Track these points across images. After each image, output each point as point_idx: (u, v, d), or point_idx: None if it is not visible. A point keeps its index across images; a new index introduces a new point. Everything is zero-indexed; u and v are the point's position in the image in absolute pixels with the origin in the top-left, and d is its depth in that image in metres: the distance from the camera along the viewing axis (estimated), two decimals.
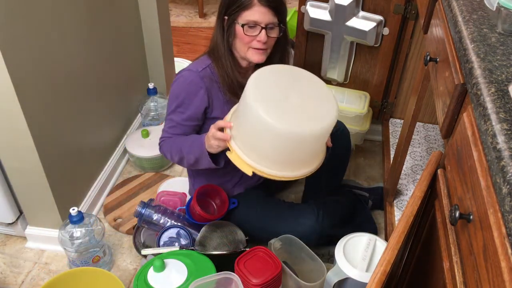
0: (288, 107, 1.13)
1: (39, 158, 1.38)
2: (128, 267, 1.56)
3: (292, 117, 1.11)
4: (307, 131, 1.11)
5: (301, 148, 1.15)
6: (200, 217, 1.44)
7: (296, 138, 1.11)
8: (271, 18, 1.27)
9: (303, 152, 1.17)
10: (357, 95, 1.96)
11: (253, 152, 1.17)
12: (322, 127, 1.13)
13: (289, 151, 1.15)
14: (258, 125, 1.11)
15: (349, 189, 1.78)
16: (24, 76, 1.27)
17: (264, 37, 1.27)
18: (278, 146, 1.13)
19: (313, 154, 1.22)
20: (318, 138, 1.16)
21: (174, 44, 2.77)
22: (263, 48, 1.29)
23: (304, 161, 1.21)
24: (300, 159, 1.19)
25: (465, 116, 0.79)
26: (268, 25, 1.27)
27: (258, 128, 1.12)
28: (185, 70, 1.38)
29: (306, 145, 1.15)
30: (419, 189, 0.91)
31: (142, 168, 1.95)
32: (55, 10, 1.39)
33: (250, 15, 1.25)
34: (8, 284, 1.49)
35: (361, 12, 1.79)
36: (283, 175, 1.19)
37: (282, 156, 1.16)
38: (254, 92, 1.13)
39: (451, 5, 0.98)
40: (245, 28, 1.27)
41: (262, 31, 1.27)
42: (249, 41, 1.28)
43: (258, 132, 1.12)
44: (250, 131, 1.16)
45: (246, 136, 1.17)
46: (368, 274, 1.26)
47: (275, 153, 1.15)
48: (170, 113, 1.39)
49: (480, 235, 0.63)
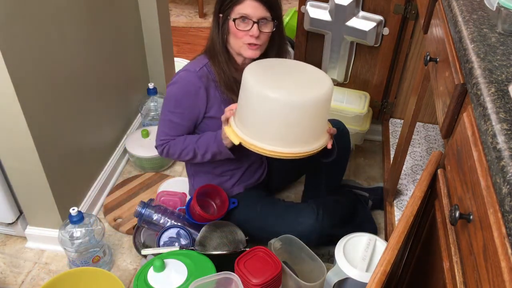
0: (283, 83, 1.18)
1: (39, 158, 1.38)
2: (128, 267, 1.56)
3: (287, 88, 1.16)
4: (301, 99, 1.13)
5: (295, 120, 1.15)
6: (200, 217, 1.44)
7: (290, 106, 1.13)
8: (263, 13, 1.27)
9: (297, 126, 1.16)
10: (357, 95, 1.96)
11: (250, 127, 1.19)
12: (315, 96, 1.15)
13: (284, 123, 1.15)
14: (254, 98, 1.15)
15: (349, 189, 1.78)
16: (24, 76, 1.27)
17: (256, 32, 1.27)
18: (274, 117, 1.15)
19: (309, 131, 1.19)
20: (313, 108, 1.15)
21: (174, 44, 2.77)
22: (256, 43, 1.29)
23: (299, 137, 1.19)
24: (295, 134, 1.17)
25: (465, 116, 0.79)
26: (260, 19, 1.27)
27: (254, 101, 1.15)
28: (182, 70, 1.38)
29: (300, 116, 1.14)
30: (419, 189, 0.91)
31: (142, 168, 1.95)
32: (55, 10, 1.39)
33: (242, 9, 1.27)
34: (8, 284, 1.49)
35: (361, 12, 1.79)
36: (274, 149, 1.17)
37: (277, 129, 1.16)
38: (250, 73, 1.18)
39: (451, 5, 0.98)
40: (237, 22, 1.28)
41: (254, 25, 1.27)
42: (242, 36, 1.29)
43: (255, 105, 1.15)
44: (247, 107, 1.18)
45: (244, 112, 1.20)
46: (368, 274, 1.26)
47: (270, 125, 1.16)
48: (167, 113, 1.39)
49: (480, 235, 0.63)
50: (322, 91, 1.16)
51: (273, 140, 1.17)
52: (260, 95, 1.13)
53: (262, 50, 1.34)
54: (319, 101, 1.15)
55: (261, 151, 1.19)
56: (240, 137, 1.21)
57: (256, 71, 1.20)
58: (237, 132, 1.22)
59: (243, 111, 1.21)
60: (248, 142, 1.19)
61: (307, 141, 1.20)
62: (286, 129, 1.16)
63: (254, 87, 1.14)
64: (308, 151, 1.20)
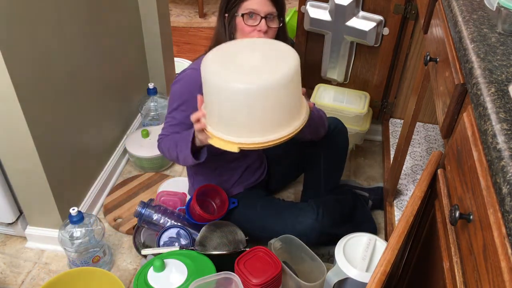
0: (245, 70, 1.10)
1: (39, 158, 1.38)
2: (128, 267, 1.56)
3: (252, 74, 1.08)
4: (269, 81, 1.05)
5: (273, 103, 1.08)
6: (200, 217, 1.44)
7: (260, 92, 1.06)
8: (270, 8, 1.29)
9: (278, 107, 1.09)
10: (357, 95, 1.96)
11: (229, 127, 1.11)
12: (283, 74, 1.06)
13: (262, 109, 1.08)
14: (223, 95, 1.08)
15: (349, 189, 1.78)
16: (24, 76, 1.27)
17: (264, 26, 1.28)
18: (249, 108, 1.07)
19: (290, 107, 1.13)
20: (283, 87, 1.08)
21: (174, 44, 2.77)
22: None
23: (283, 118, 1.12)
24: (276, 116, 1.11)
25: (465, 116, 0.79)
26: (267, 15, 1.29)
27: (224, 98, 1.08)
28: (188, 69, 1.38)
29: (275, 97, 1.08)
30: (419, 189, 0.91)
31: (142, 168, 1.95)
32: (55, 11, 1.39)
33: (249, 4, 1.28)
34: (8, 284, 1.49)
35: (361, 12, 1.79)
36: (267, 139, 1.11)
37: (257, 118, 1.09)
38: (209, 66, 1.10)
39: (451, 5, 0.98)
40: (245, 18, 1.29)
41: (262, 20, 1.28)
42: (250, 31, 1.30)
43: (226, 101, 1.08)
44: (218, 106, 1.11)
45: (217, 113, 1.12)
46: (368, 274, 1.26)
47: (249, 117, 1.09)
48: (171, 111, 1.39)
49: (480, 235, 0.63)
50: (289, 67, 1.08)
51: (258, 130, 1.10)
52: (229, 89, 1.06)
53: None
54: (288, 78, 1.08)
55: (261, 146, 1.12)
56: (235, 142, 1.11)
57: (216, 62, 1.11)
58: (229, 139, 1.12)
59: (212, 109, 1.12)
60: (244, 143, 1.11)
61: (293, 117, 1.14)
62: (269, 114, 1.09)
63: (219, 83, 1.06)
64: (296, 127, 1.14)
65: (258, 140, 1.11)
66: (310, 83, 2.05)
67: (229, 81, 1.06)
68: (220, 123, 1.13)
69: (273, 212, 1.51)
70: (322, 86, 2.01)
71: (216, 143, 1.13)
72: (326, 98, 1.95)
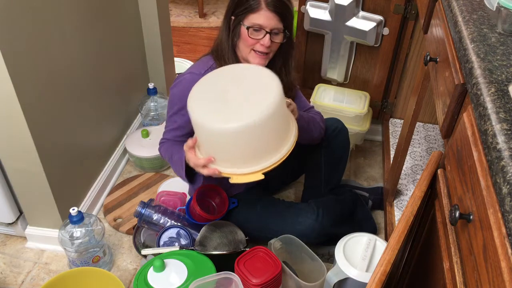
0: (230, 106, 1.13)
1: (39, 158, 1.38)
2: (128, 267, 1.56)
3: (236, 112, 1.11)
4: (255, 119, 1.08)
5: (265, 134, 1.12)
6: (200, 217, 1.44)
7: (253, 129, 1.09)
8: (276, 24, 1.27)
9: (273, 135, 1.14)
10: (357, 95, 1.96)
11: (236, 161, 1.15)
12: (263, 112, 1.08)
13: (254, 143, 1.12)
14: (227, 138, 1.11)
15: (349, 189, 1.78)
16: (24, 76, 1.27)
17: (267, 42, 1.27)
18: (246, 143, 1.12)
19: (282, 131, 1.17)
20: (272, 119, 1.11)
21: (174, 44, 2.77)
22: (265, 52, 1.30)
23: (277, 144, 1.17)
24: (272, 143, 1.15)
25: (465, 116, 0.79)
26: (273, 30, 1.28)
27: (210, 136, 1.13)
28: (186, 73, 1.37)
29: (268, 128, 1.11)
30: (419, 189, 0.91)
31: (142, 168, 1.95)
32: (55, 10, 1.39)
33: (256, 18, 1.26)
34: (8, 284, 1.49)
35: (361, 12, 1.79)
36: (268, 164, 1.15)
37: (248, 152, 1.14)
38: (194, 105, 1.15)
39: (451, 5, 0.98)
40: (250, 31, 1.27)
41: (266, 35, 1.27)
42: (253, 43, 1.29)
43: (233, 141, 1.12)
44: (217, 145, 1.15)
45: (228, 153, 1.16)
46: (368, 274, 1.26)
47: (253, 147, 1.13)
48: (172, 115, 1.39)
49: (480, 235, 0.63)
50: (272, 99, 1.11)
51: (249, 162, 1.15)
52: (215, 129, 1.10)
53: (270, 58, 1.34)
54: (275, 109, 1.10)
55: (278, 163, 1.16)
56: (259, 170, 1.15)
57: (199, 101, 1.16)
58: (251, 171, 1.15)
59: (209, 146, 1.17)
60: (267, 167, 1.15)
61: (285, 139, 1.18)
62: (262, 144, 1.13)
63: (205, 123, 1.11)
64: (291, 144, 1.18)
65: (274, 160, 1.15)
66: (310, 83, 2.05)
67: (219, 122, 1.09)
68: (231, 161, 1.17)
69: (273, 212, 1.51)
70: (322, 86, 2.01)
71: (240, 179, 1.17)
72: (326, 98, 1.95)
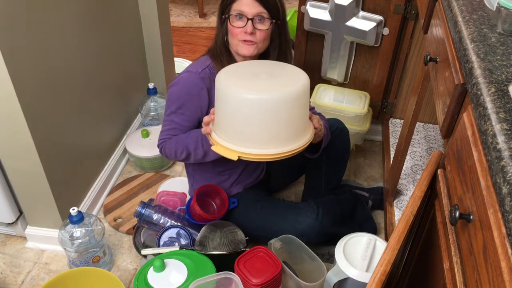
0: (258, 83, 1.15)
1: (39, 158, 1.38)
2: (128, 267, 1.56)
3: (262, 88, 1.13)
4: (277, 95, 1.11)
5: (279, 117, 1.13)
6: (200, 217, 1.44)
7: (270, 104, 1.10)
8: (258, 9, 1.27)
9: (283, 123, 1.14)
10: (357, 95, 1.96)
11: (234, 136, 1.16)
12: (291, 91, 1.12)
13: (268, 122, 1.12)
14: (232, 104, 1.12)
15: (349, 189, 1.78)
16: (24, 76, 1.27)
17: (250, 28, 1.28)
18: (257, 119, 1.12)
19: (294, 126, 1.17)
20: (291, 103, 1.13)
21: (174, 44, 2.77)
22: (251, 40, 1.30)
23: (287, 135, 1.16)
24: (282, 132, 1.15)
25: (465, 116, 0.79)
26: (255, 16, 1.28)
27: (233, 107, 1.13)
28: (184, 72, 1.38)
29: (282, 113, 1.12)
30: (419, 189, 0.91)
31: (142, 168, 1.95)
32: (55, 10, 1.39)
33: (237, 5, 1.28)
34: (8, 284, 1.49)
35: (361, 12, 1.79)
36: (269, 152, 1.15)
37: (263, 130, 1.13)
38: (223, 78, 1.16)
39: (451, 5, 0.98)
40: (232, 19, 1.29)
41: (248, 22, 1.28)
42: (237, 33, 1.30)
43: (234, 111, 1.13)
44: (226, 114, 1.15)
45: (225, 121, 1.16)
46: (368, 274, 1.26)
47: (255, 128, 1.13)
48: (169, 114, 1.39)
49: (480, 235, 0.63)
50: (299, 84, 1.15)
51: (261, 143, 1.14)
52: (240, 99, 1.11)
53: (260, 49, 1.33)
54: (298, 95, 1.13)
55: (258, 158, 1.15)
56: (235, 150, 1.15)
57: (228, 76, 1.17)
58: (229, 147, 1.16)
59: (224, 120, 1.17)
60: (246, 153, 1.15)
61: (296, 136, 1.18)
62: (276, 127, 1.13)
63: (232, 93, 1.12)
64: (298, 146, 1.18)
65: (257, 152, 1.15)
66: (310, 83, 2.04)
67: (241, 92, 1.11)
68: (225, 131, 1.17)
69: (273, 212, 1.51)
70: (322, 86, 2.01)
71: (217, 149, 1.18)
72: (326, 98, 1.95)
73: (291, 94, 1.12)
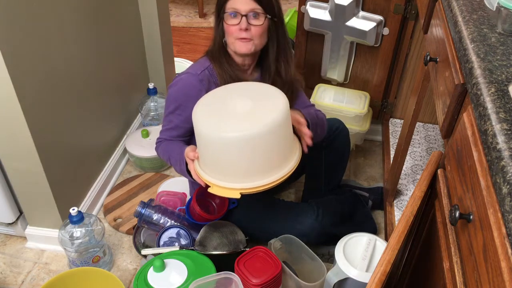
0: (235, 117, 1.13)
1: (39, 158, 1.38)
2: (128, 267, 1.56)
3: (242, 122, 1.10)
4: (257, 129, 1.08)
5: (268, 147, 1.11)
6: (200, 217, 1.44)
7: (254, 139, 1.08)
8: (252, 6, 1.27)
9: (271, 150, 1.12)
10: (357, 95, 1.96)
11: (227, 174, 1.14)
12: (267, 123, 1.08)
13: (259, 154, 1.11)
14: (216, 145, 1.10)
15: (349, 189, 1.78)
16: (24, 76, 1.27)
17: (244, 24, 1.27)
18: (245, 154, 1.10)
19: (281, 151, 1.15)
20: (273, 133, 1.10)
21: (174, 44, 2.77)
22: (246, 38, 1.29)
23: (279, 160, 1.15)
24: (274, 158, 1.14)
25: (465, 116, 0.79)
26: (249, 12, 1.27)
27: (221, 148, 1.11)
28: (183, 73, 1.38)
29: (269, 143, 1.11)
30: (419, 189, 0.91)
31: (142, 168, 1.95)
32: (55, 11, 1.39)
33: (231, 3, 1.28)
34: (8, 284, 1.49)
35: (361, 12, 1.79)
36: (267, 181, 1.14)
37: (256, 163, 1.12)
38: (199, 115, 1.14)
39: (451, 5, 0.98)
40: (227, 17, 1.28)
41: (242, 18, 1.27)
42: (233, 31, 1.29)
43: (224, 151, 1.11)
44: (213, 154, 1.13)
45: (212, 161, 1.14)
46: (368, 274, 1.26)
47: (248, 162, 1.11)
48: (168, 114, 1.39)
49: (480, 235, 0.63)
50: (279, 111, 1.11)
51: (259, 174, 1.13)
52: (222, 139, 1.09)
53: (256, 46, 1.31)
54: (272, 127, 1.10)
55: (261, 189, 1.14)
56: (235, 188, 1.13)
57: (204, 112, 1.15)
58: (226, 186, 1.14)
59: (206, 156, 1.16)
60: (247, 188, 1.13)
61: (286, 158, 1.17)
62: (267, 157, 1.12)
63: (210, 133, 1.10)
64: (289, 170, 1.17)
65: (258, 184, 1.14)
66: (310, 83, 2.05)
67: (221, 131, 1.08)
68: (216, 171, 1.16)
69: (273, 212, 1.51)
70: (322, 86, 2.01)
71: (217, 191, 1.15)
72: (326, 98, 1.95)
73: (270, 125, 1.08)
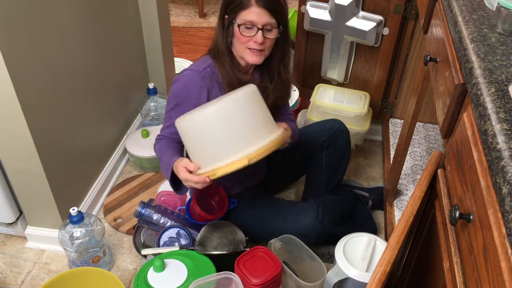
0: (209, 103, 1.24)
1: (39, 158, 1.38)
2: (128, 267, 1.56)
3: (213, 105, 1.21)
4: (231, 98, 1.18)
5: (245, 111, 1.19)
6: (200, 217, 1.44)
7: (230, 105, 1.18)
8: (268, 19, 1.26)
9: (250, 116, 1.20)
10: (357, 95, 1.96)
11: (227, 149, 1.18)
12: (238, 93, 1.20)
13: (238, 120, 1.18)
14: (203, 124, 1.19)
15: (349, 189, 1.79)
16: (24, 76, 1.27)
17: (260, 38, 1.27)
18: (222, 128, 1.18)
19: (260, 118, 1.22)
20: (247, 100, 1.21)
21: (174, 44, 2.77)
22: (259, 49, 1.29)
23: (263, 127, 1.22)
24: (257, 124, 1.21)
25: (465, 116, 0.79)
26: (265, 26, 1.27)
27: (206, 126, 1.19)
28: (186, 70, 1.38)
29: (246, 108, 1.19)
30: (419, 189, 0.91)
31: (142, 168, 1.95)
32: (55, 10, 1.39)
33: (247, 15, 1.26)
34: (8, 284, 1.49)
35: (361, 12, 1.79)
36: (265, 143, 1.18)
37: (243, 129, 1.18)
38: (179, 119, 1.24)
39: (451, 5, 0.98)
40: (242, 29, 1.27)
41: (258, 32, 1.26)
42: (246, 41, 1.29)
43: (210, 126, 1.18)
44: (202, 139, 1.21)
45: (208, 145, 1.20)
46: (368, 274, 1.26)
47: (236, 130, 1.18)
48: (169, 110, 1.40)
49: (480, 235, 0.63)
50: (248, 87, 1.23)
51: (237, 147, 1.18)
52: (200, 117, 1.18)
53: (266, 55, 1.34)
54: (251, 93, 1.21)
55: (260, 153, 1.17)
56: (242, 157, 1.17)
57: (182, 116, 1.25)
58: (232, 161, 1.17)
59: (203, 146, 1.21)
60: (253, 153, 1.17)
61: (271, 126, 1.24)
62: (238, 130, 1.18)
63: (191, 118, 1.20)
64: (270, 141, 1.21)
65: (258, 146, 1.18)
66: (310, 83, 2.05)
67: (199, 111, 1.19)
68: (214, 155, 1.20)
69: (273, 212, 1.51)
70: (322, 86, 2.01)
71: (224, 170, 1.18)
72: (326, 98, 1.95)
73: (241, 95, 1.20)
